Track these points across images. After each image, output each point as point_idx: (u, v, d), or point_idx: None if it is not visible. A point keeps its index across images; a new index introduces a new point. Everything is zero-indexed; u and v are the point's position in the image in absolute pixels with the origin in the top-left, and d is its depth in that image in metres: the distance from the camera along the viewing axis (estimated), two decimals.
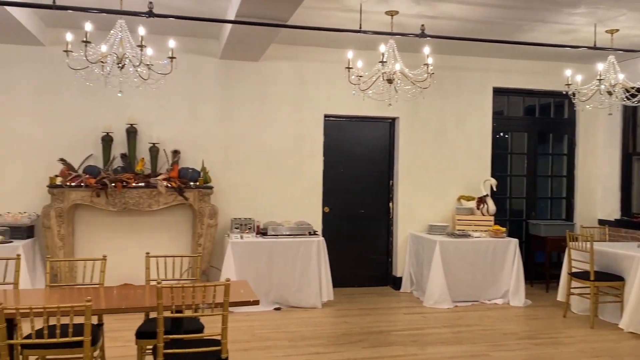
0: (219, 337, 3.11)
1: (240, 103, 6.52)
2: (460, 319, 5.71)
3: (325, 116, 6.79)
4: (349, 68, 5.04)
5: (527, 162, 7.59)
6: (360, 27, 4.90)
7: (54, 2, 4.30)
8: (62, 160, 5.84)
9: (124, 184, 5.76)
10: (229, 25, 5.20)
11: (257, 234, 6.16)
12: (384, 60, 4.87)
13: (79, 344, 2.83)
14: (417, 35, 5.04)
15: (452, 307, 6.13)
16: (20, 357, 3.18)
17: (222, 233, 6.29)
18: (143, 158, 6.07)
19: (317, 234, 6.28)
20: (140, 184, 5.83)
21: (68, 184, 5.67)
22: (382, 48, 4.86)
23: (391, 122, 7.12)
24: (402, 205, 6.99)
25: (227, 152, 6.48)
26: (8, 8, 4.64)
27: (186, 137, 6.34)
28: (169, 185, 5.89)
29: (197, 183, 6.03)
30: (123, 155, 6.06)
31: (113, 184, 5.71)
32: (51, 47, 5.93)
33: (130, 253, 5.93)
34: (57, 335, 2.59)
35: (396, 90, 5.11)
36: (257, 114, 6.57)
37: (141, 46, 4.24)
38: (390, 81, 5.02)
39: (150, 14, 4.41)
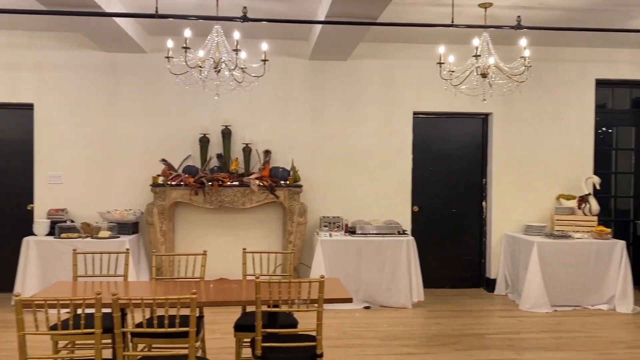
0: (313, 333, 3.15)
1: (329, 102, 6.59)
2: (560, 325, 5.40)
3: (415, 113, 6.68)
4: (440, 63, 4.93)
5: (635, 158, 7.03)
6: (453, 21, 4.78)
7: (156, 11, 4.57)
8: (163, 160, 6.20)
9: (220, 183, 6.01)
10: (319, 26, 5.26)
11: (345, 232, 6.19)
12: (478, 54, 4.72)
13: (184, 335, 2.98)
14: (512, 27, 4.83)
15: (551, 312, 5.82)
16: (130, 344, 3.42)
17: (311, 231, 6.38)
18: (237, 158, 6.31)
19: (406, 233, 6.20)
20: (234, 183, 6.06)
21: (169, 183, 6.01)
22: (476, 42, 4.71)
23: (484, 118, 6.88)
24: (496, 204, 6.73)
25: (316, 152, 6.57)
26: (116, 19, 4.98)
27: (277, 137, 6.50)
28: (261, 184, 6.06)
29: (287, 182, 6.16)
30: (219, 156, 6.32)
31: (210, 183, 5.98)
32: (153, 54, 6.31)
33: (225, 248, 6.18)
34: (165, 326, 2.74)
35: (490, 85, 4.94)
36: (346, 113, 6.60)
37: (236, 50, 4.40)
38: (484, 75, 4.86)
39: (244, 18, 4.56)
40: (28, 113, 6.30)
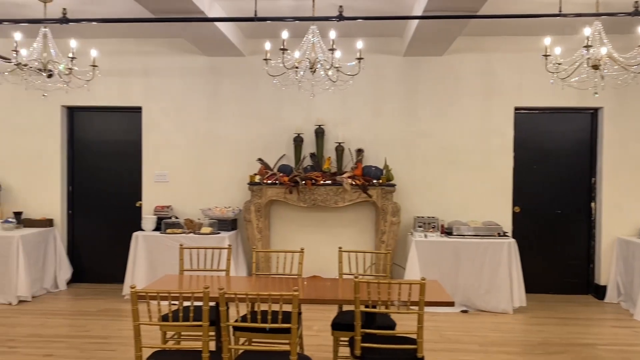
0: (412, 336, 3.08)
1: (423, 99, 6.44)
2: None
3: (516, 109, 6.36)
4: (546, 56, 4.64)
5: None
6: (560, 11, 4.48)
7: (255, 14, 4.69)
8: (260, 160, 6.37)
9: (313, 181, 6.07)
10: (415, 22, 5.15)
11: (441, 233, 6.01)
12: (589, 44, 4.39)
13: (284, 331, 3.03)
14: (629, 14, 4.44)
15: None
16: (232, 338, 3.53)
17: (404, 231, 6.28)
18: (330, 157, 6.34)
19: (507, 235, 5.92)
20: (327, 182, 6.10)
21: (265, 181, 6.16)
22: (587, 31, 4.38)
23: (593, 113, 6.41)
24: (607, 206, 6.25)
25: (410, 150, 6.45)
26: (217, 24, 5.17)
27: (369, 136, 6.46)
28: (354, 182, 6.05)
29: (380, 181, 6.10)
30: (312, 155, 6.40)
31: (303, 182, 6.06)
32: (250, 56, 6.50)
33: (317, 246, 6.24)
34: (268, 321, 2.79)
35: (602, 77, 4.57)
36: (441, 110, 6.42)
37: (332, 49, 4.41)
38: (595, 67, 4.49)
39: (340, 17, 4.56)
40: (137, 116, 6.73)
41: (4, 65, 4.87)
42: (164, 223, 6.21)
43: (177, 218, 6.43)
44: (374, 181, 6.09)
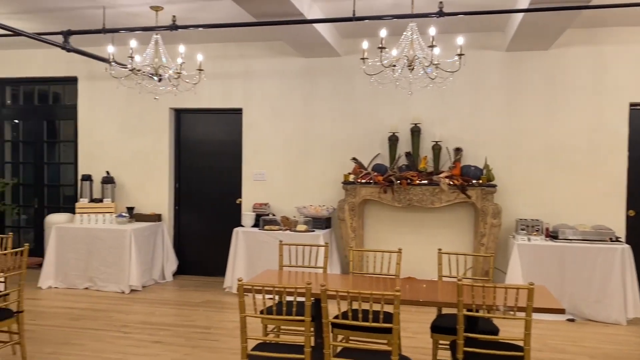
0: (518, 343, 2.95)
1: (527, 96, 6.14)
2: None
3: (631, 105, 5.89)
4: None
5: None
6: None
7: (353, 14, 4.72)
8: (354, 159, 6.39)
9: (409, 181, 5.99)
10: (519, 15, 4.92)
11: (546, 236, 5.70)
12: None
13: (383, 330, 3.02)
14: None
15: None
16: (331, 334, 3.56)
17: (505, 234, 6.03)
18: (426, 156, 6.22)
19: (620, 241, 5.49)
20: (423, 182, 5.99)
21: (359, 180, 6.17)
22: None
23: None
24: None
25: (512, 149, 6.17)
26: (315, 25, 5.26)
27: (468, 134, 6.26)
28: (451, 183, 5.90)
29: (480, 181, 5.89)
30: (407, 154, 6.31)
31: (398, 182, 6.00)
32: (346, 56, 6.54)
33: (412, 247, 6.15)
34: (369, 320, 2.80)
35: None
36: (546, 107, 6.08)
37: (431, 46, 4.32)
38: None
39: (440, 13, 4.47)
40: (237, 117, 7.01)
41: (120, 71, 5.27)
42: (262, 220, 6.42)
43: (274, 215, 6.62)
44: (473, 181, 5.90)
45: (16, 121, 7.87)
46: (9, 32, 5.06)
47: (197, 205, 7.29)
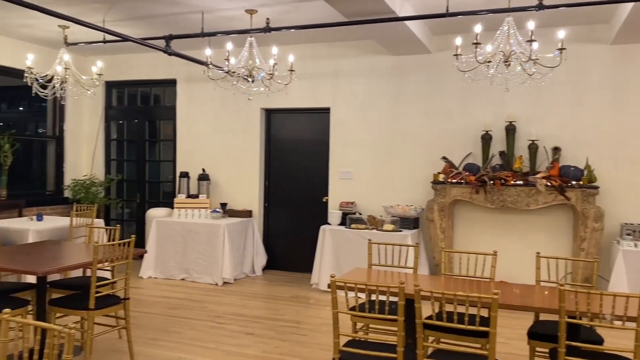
0: (626, 354, 2.75)
1: (635, 92, 5.71)
2: None
3: None
4: None
5: None
6: None
7: (447, 10, 4.62)
8: (444, 158, 6.26)
9: (503, 181, 5.78)
10: (627, 6, 4.59)
11: None
12: None
13: (476, 334, 2.93)
14: None
15: None
16: (422, 335, 3.51)
17: (608, 239, 5.65)
18: (521, 155, 5.97)
19: None
20: (518, 182, 5.75)
21: (449, 180, 6.04)
22: None
23: None
24: None
25: (617, 148, 5.77)
26: (406, 22, 5.20)
27: (567, 133, 5.93)
28: (549, 184, 5.61)
29: (580, 182, 5.57)
30: (501, 153, 6.09)
31: (492, 182, 5.80)
32: (437, 53, 6.42)
33: (504, 250, 5.93)
34: (464, 322, 2.73)
35: None
36: None
37: (530, 41, 4.14)
38: None
39: (540, 6, 4.28)
40: (325, 116, 7.10)
41: (216, 73, 5.50)
42: (348, 218, 6.45)
43: (360, 214, 6.63)
44: (573, 182, 5.58)
45: (120, 122, 8.46)
46: (118, 38, 5.46)
47: (285, 203, 7.47)
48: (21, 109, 8.58)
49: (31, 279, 4.66)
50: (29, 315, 3.95)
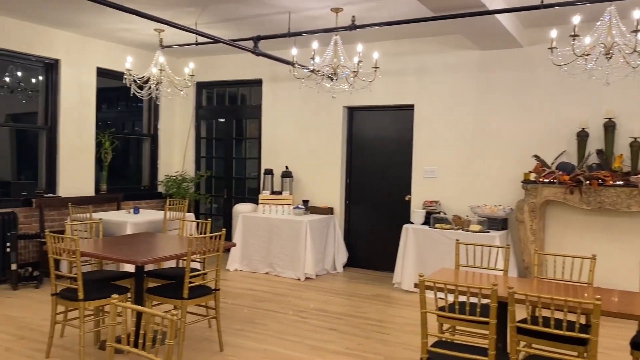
0: None
1: None
2: None
3: None
4: None
5: None
6: None
7: (542, 2, 4.40)
8: (536, 156, 5.98)
9: (600, 181, 5.43)
10: None
11: None
12: None
13: (577, 341, 2.78)
14: None
15: None
16: (515, 339, 3.38)
17: None
18: (622, 154, 5.58)
19: None
20: (617, 183, 5.39)
21: (541, 180, 5.76)
22: None
23: None
24: None
25: None
26: (497, 16, 5.01)
27: None
28: None
29: None
30: (599, 151, 5.72)
31: (588, 182, 5.47)
32: (528, 47, 6.14)
33: (602, 254, 5.55)
34: (562, 328, 2.60)
35: None
36: None
37: (635, 31, 3.85)
38: None
39: None
40: (409, 113, 7.00)
41: (301, 72, 5.58)
42: (432, 218, 6.33)
43: (444, 213, 6.48)
44: None
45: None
46: (210, 40, 5.68)
47: (366, 201, 7.45)
48: (119, 108, 9.16)
49: (129, 267, 4.97)
50: (127, 302, 4.22)
